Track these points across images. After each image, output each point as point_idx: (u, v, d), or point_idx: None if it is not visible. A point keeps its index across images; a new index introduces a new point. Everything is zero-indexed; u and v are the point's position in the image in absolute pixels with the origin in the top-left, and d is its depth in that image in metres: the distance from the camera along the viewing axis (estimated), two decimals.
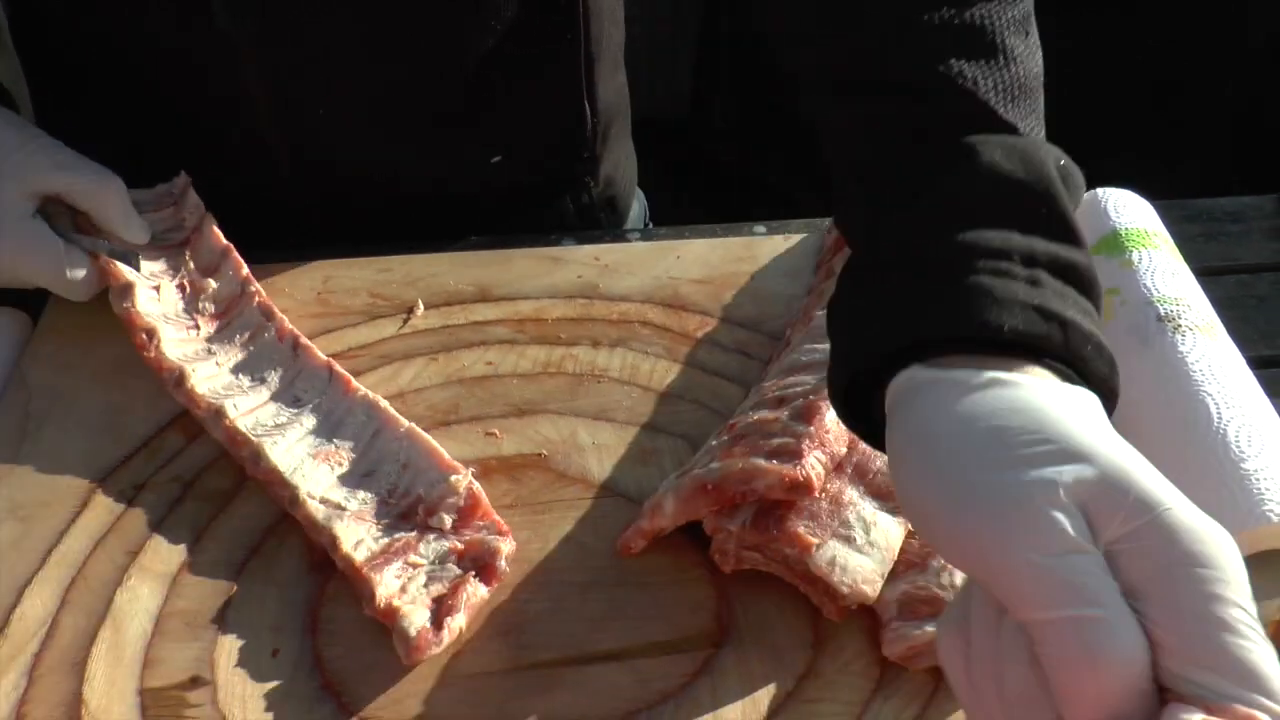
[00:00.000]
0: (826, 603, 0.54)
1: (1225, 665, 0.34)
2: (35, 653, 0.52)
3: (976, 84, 0.47)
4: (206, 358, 0.65)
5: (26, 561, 0.56)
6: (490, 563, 0.55)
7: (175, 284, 0.69)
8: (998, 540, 0.36)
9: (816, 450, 0.55)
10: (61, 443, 0.62)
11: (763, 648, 0.54)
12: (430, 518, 0.57)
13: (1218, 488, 0.56)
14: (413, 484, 0.59)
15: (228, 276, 0.69)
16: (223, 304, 0.68)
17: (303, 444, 0.61)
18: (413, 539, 0.56)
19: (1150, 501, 0.36)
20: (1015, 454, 0.37)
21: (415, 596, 0.53)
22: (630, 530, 0.58)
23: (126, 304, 0.66)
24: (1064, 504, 0.36)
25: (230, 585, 0.56)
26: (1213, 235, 0.88)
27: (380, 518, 0.57)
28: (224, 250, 0.71)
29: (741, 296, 0.75)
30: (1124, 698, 0.34)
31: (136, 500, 0.60)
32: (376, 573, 0.54)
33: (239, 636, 0.54)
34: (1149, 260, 0.69)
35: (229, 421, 0.61)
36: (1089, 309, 0.43)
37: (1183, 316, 0.65)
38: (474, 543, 0.56)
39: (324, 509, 0.57)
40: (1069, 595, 0.35)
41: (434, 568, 0.55)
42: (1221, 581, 0.35)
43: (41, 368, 0.67)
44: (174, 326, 0.66)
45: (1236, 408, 0.59)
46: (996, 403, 0.39)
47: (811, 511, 0.55)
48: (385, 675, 0.52)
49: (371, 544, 0.55)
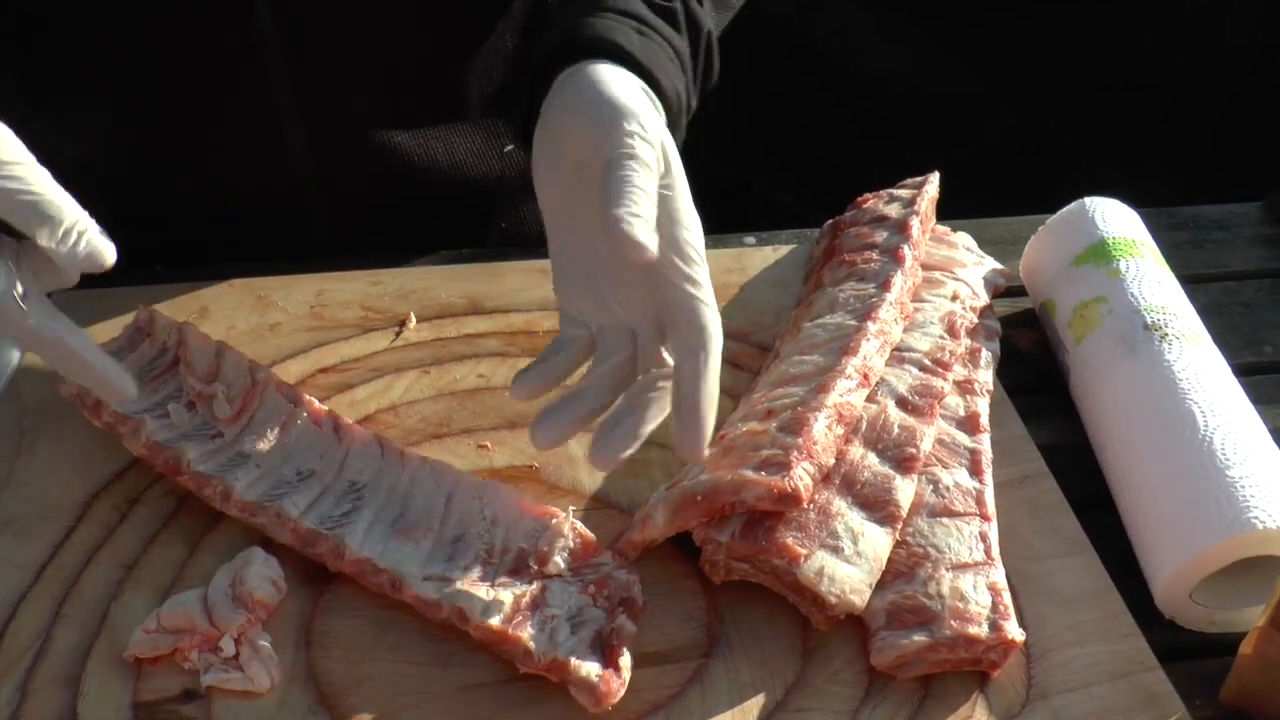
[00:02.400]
0: (815, 613, 0.55)
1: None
2: (29, 667, 0.52)
3: None
4: (243, 463, 0.60)
5: (21, 576, 0.56)
6: (630, 595, 0.54)
7: (183, 404, 0.63)
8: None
9: (805, 462, 0.55)
10: (56, 457, 0.63)
11: (752, 657, 0.54)
12: (544, 566, 0.55)
13: (1204, 495, 0.56)
14: (509, 538, 0.57)
15: (231, 371, 0.64)
16: (237, 401, 0.63)
17: (379, 525, 0.57)
18: (536, 591, 0.54)
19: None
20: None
21: (573, 646, 0.52)
22: (621, 541, 0.58)
23: (141, 441, 0.60)
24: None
25: None
26: (1198, 242, 0.88)
27: (492, 578, 0.55)
28: (217, 349, 0.65)
29: (731, 308, 0.75)
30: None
31: (131, 514, 0.60)
32: (521, 631, 0.52)
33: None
34: (1136, 269, 0.70)
35: (293, 525, 0.57)
36: (673, 58, 0.62)
37: (1169, 325, 0.66)
38: (602, 580, 0.55)
39: (433, 586, 0.54)
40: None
41: (573, 614, 0.54)
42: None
43: (35, 382, 0.67)
44: (197, 442, 0.61)
45: (1222, 416, 0.60)
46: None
47: (800, 522, 0.55)
48: (379, 688, 0.52)
49: (499, 606, 0.53)
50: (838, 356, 0.62)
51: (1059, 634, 0.56)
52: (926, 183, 0.78)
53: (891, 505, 0.57)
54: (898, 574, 0.56)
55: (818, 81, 1.23)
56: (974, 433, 0.63)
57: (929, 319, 0.68)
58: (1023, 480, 0.64)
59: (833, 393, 0.59)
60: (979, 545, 0.57)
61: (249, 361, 0.64)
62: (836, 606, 0.53)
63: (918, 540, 0.57)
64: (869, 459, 0.59)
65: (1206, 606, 0.57)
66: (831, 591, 0.53)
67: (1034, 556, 0.60)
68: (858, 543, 0.55)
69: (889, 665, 0.53)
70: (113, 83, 0.74)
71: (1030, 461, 0.65)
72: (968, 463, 0.61)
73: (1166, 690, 0.54)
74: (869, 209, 0.77)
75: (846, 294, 0.68)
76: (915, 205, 0.75)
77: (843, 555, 0.54)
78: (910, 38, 1.16)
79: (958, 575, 0.55)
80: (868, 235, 0.74)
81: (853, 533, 0.55)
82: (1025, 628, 0.54)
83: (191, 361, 0.64)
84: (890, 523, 0.56)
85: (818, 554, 0.54)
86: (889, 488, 0.57)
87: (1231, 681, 0.54)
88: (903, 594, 0.55)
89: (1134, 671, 0.54)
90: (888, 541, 0.56)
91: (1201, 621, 0.58)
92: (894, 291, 0.67)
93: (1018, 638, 0.52)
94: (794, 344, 0.66)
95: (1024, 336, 0.77)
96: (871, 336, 0.63)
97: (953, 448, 0.62)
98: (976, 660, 0.53)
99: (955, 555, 0.56)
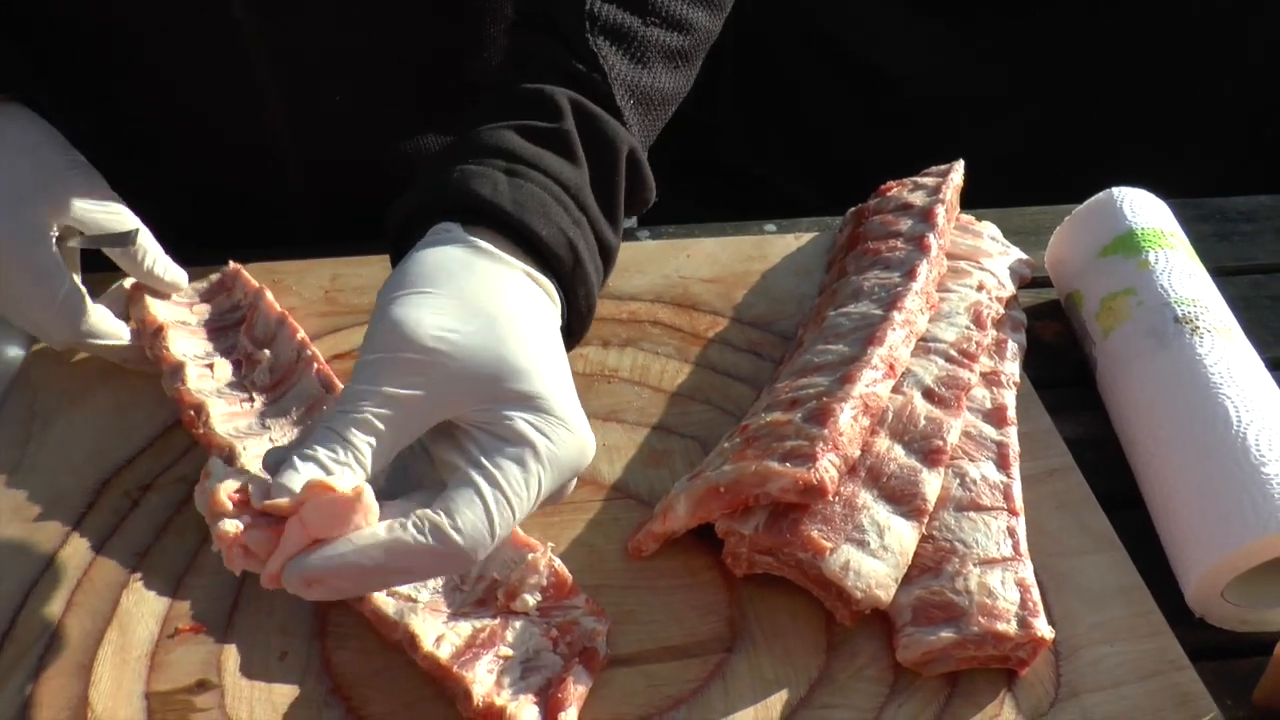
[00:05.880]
0: (840, 607, 0.54)
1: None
2: (41, 655, 0.52)
3: (613, 67, 0.57)
4: (259, 433, 0.60)
5: (32, 563, 0.56)
6: (590, 647, 0.51)
7: (231, 360, 0.65)
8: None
9: (830, 453, 0.54)
10: (67, 443, 0.62)
11: (775, 652, 0.53)
12: (512, 601, 0.53)
13: (1237, 492, 0.55)
14: (485, 565, 0.54)
15: (284, 343, 0.65)
16: (279, 372, 0.64)
17: None
18: (497, 627, 0.52)
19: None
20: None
21: (516, 691, 0.49)
22: (641, 533, 0.57)
23: (177, 383, 0.62)
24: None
25: (237, 587, 0.55)
26: (1225, 234, 0.87)
27: (456, 606, 0.53)
28: (279, 318, 0.66)
29: (753, 296, 0.74)
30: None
31: (142, 501, 0.59)
32: (467, 669, 0.49)
33: (247, 639, 0.53)
34: (1165, 261, 0.69)
35: None
36: (561, 198, 0.52)
37: (1200, 318, 0.64)
38: (566, 625, 0.52)
39: (394, 602, 0.52)
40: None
41: (528, 657, 0.51)
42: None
43: (47, 367, 0.66)
44: (225, 401, 0.62)
45: (1256, 411, 0.58)
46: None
47: (825, 515, 0.54)
48: (394, 679, 0.52)
49: (454, 638, 0.51)
50: (863, 346, 0.61)
51: (1088, 632, 0.55)
52: (951, 170, 0.77)
53: (918, 499, 0.55)
54: (924, 569, 0.54)
55: (840, 77, 1.22)
56: (1001, 425, 0.62)
57: (955, 309, 0.67)
58: (1050, 475, 0.63)
59: (858, 383, 0.58)
60: (1007, 540, 0.55)
61: (302, 338, 0.65)
62: (862, 601, 0.52)
63: (944, 535, 0.56)
64: (895, 451, 0.58)
65: (1238, 605, 0.56)
66: (857, 586, 0.52)
67: (1062, 553, 0.58)
68: (884, 536, 0.54)
69: (915, 662, 0.52)
70: (89, 72, 0.73)
71: (1057, 456, 0.64)
72: (995, 456, 0.60)
73: (1198, 690, 0.52)
74: (893, 196, 0.76)
75: (871, 282, 0.67)
76: (940, 193, 0.74)
77: (868, 549, 0.53)
78: (933, 32, 1.15)
79: (985, 571, 0.54)
80: (892, 223, 0.72)
81: (879, 526, 0.54)
82: (1053, 625, 0.53)
83: (255, 324, 0.66)
84: (917, 516, 0.55)
85: (843, 547, 0.53)
86: (915, 481, 0.56)
87: (1265, 681, 0.53)
88: (929, 589, 0.53)
89: (1165, 671, 0.53)
90: (914, 535, 0.55)
91: (1233, 620, 0.57)
92: (919, 280, 0.66)
93: (1047, 635, 0.51)
94: (818, 333, 0.65)
95: (1049, 328, 0.76)
96: (897, 326, 0.62)
97: (979, 440, 0.61)
98: (1004, 658, 0.52)
99: (983, 550, 0.55)
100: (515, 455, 0.44)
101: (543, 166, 0.52)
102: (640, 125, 0.58)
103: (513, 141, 0.52)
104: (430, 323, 0.44)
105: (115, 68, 0.73)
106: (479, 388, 0.44)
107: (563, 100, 0.54)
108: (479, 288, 0.46)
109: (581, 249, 0.51)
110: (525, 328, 0.46)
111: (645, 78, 0.58)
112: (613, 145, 0.55)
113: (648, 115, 0.59)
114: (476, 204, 0.49)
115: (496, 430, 0.44)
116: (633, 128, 0.57)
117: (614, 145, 0.55)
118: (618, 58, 0.58)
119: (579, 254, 0.51)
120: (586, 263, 0.52)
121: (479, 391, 0.44)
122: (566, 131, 0.53)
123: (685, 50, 0.62)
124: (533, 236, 0.50)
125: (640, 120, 0.58)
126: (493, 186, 0.50)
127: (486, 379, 0.44)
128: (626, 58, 0.58)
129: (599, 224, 0.53)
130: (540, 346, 0.46)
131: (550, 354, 0.47)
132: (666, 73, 0.60)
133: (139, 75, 0.73)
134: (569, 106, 0.54)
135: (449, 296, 0.46)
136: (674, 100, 0.62)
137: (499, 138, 0.53)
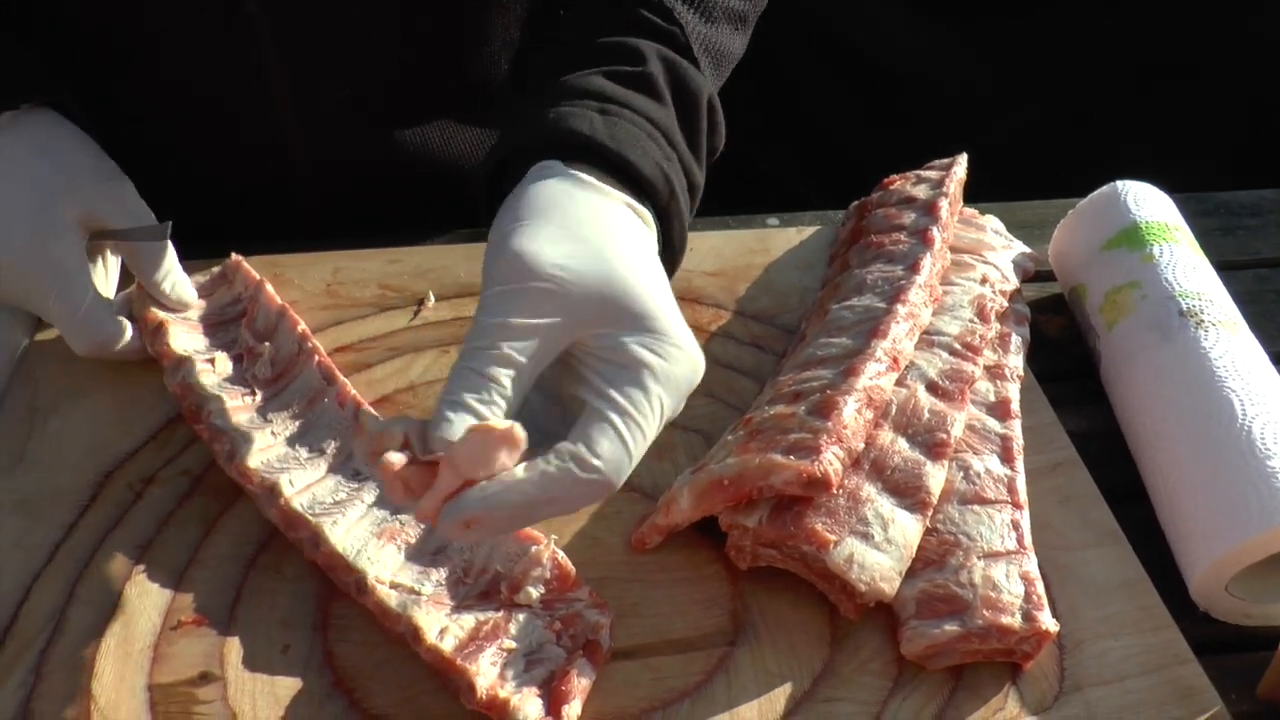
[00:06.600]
0: (843, 600, 0.53)
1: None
2: (43, 648, 0.51)
3: (688, 23, 0.60)
4: (261, 427, 0.60)
5: (34, 555, 0.56)
6: (594, 640, 0.51)
7: (232, 355, 0.64)
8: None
9: (834, 446, 0.54)
10: (69, 436, 0.62)
11: (779, 646, 0.53)
12: (515, 594, 0.52)
13: (1242, 486, 0.55)
14: (489, 559, 0.54)
15: (284, 336, 0.65)
16: (280, 365, 0.63)
17: (366, 521, 0.55)
18: (501, 620, 0.51)
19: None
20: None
21: (520, 683, 0.49)
22: (645, 526, 0.57)
23: (179, 379, 0.62)
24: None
25: (240, 580, 0.55)
26: (1230, 229, 0.87)
27: (459, 599, 0.53)
28: (280, 310, 0.66)
29: (755, 289, 0.74)
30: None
31: (145, 494, 0.59)
32: (471, 662, 0.49)
33: (249, 632, 0.53)
34: (1170, 254, 0.68)
35: (283, 501, 0.55)
36: (653, 134, 0.54)
37: (1205, 311, 0.64)
38: (570, 618, 0.52)
39: (396, 595, 0.52)
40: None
41: (532, 649, 0.51)
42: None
43: (48, 360, 0.66)
44: (227, 396, 0.61)
45: (1261, 405, 0.58)
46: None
47: (829, 508, 0.54)
48: (397, 672, 0.52)
49: (458, 630, 0.51)
50: (866, 339, 0.61)
51: (1092, 625, 0.55)
52: (955, 164, 0.77)
53: (922, 492, 0.55)
54: (928, 562, 0.54)
55: (842, 76, 1.21)
56: (1005, 419, 0.62)
57: (958, 302, 0.67)
58: (1054, 468, 0.62)
59: (862, 376, 0.58)
60: (1011, 534, 0.55)
61: (303, 331, 0.64)
62: (866, 594, 0.52)
63: (948, 528, 0.55)
64: (899, 444, 0.58)
65: (1243, 599, 0.56)
66: (861, 579, 0.52)
67: (1066, 546, 0.58)
68: (888, 529, 0.54)
69: (919, 655, 0.52)
70: (98, 67, 0.72)
71: (1061, 449, 0.64)
72: (999, 449, 0.60)
73: (1202, 684, 0.52)
74: (896, 190, 0.76)
75: (874, 276, 0.67)
76: (944, 186, 0.73)
77: (872, 542, 0.53)
78: (934, 30, 1.15)
79: (990, 564, 0.54)
80: (895, 216, 0.72)
81: (883, 519, 0.54)
82: (1058, 619, 0.53)
83: (255, 317, 0.66)
84: (921, 509, 0.55)
85: (847, 540, 0.53)
86: (919, 474, 0.56)
87: (1269, 676, 0.53)
88: (933, 582, 0.53)
89: (1169, 664, 0.53)
90: (918, 528, 0.54)
91: (1237, 614, 0.57)
92: (923, 274, 0.66)
93: (1052, 629, 0.51)
94: (821, 326, 0.65)
95: (1052, 322, 0.76)
96: (901, 319, 0.62)
97: (983, 434, 0.61)
98: (1009, 651, 0.52)
99: (987, 543, 0.55)
100: (636, 379, 0.46)
101: (634, 106, 0.55)
102: (712, 79, 0.62)
103: (602, 84, 0.55)
104: (549, 251, 0.46)
105: (124, 63, 0.73)
106: (599, 310, 0.46)
107: (645, 48, 0.58)
108: (587, 217, 0.49)
109: (676, 181, 0.54)
110: (632, 255, 0.48)
111: (715, 35, 0.62)
112: (694, 89, 0.58)
113: (717, 70, 0.63)
114: (575, 140, 0.52)
115: (615, 357, 0.46)
116: (708, 79, 0.61)
117: (695, 89, 0.58)
118: (691, 14, 0.61)
119: (674, 186, 0.54)
120: (680, 195, 0.54)
121: (599, 315, 0.46)
122: (651, 74, 0.56)
123: (745, 14, 0.66)
124: (631, 169, 0.52)
125: (712, 73, 0.62)
126: (590, 124, 0.52)
127: (605, 302, 0.46)
128: (698, 15, 0.62)
129: (687, 160, 0.56)
130: (647, 271, 0.49)
131: (655, 277, 0.49)
132: (730, 33, 0.64)
133: (148, 70, 0.73)
134: (652, 53, 0.58)
135: (560, 226, 0.47)
136: (734, 60, 0.66)
137: (588, 82, 0.55)
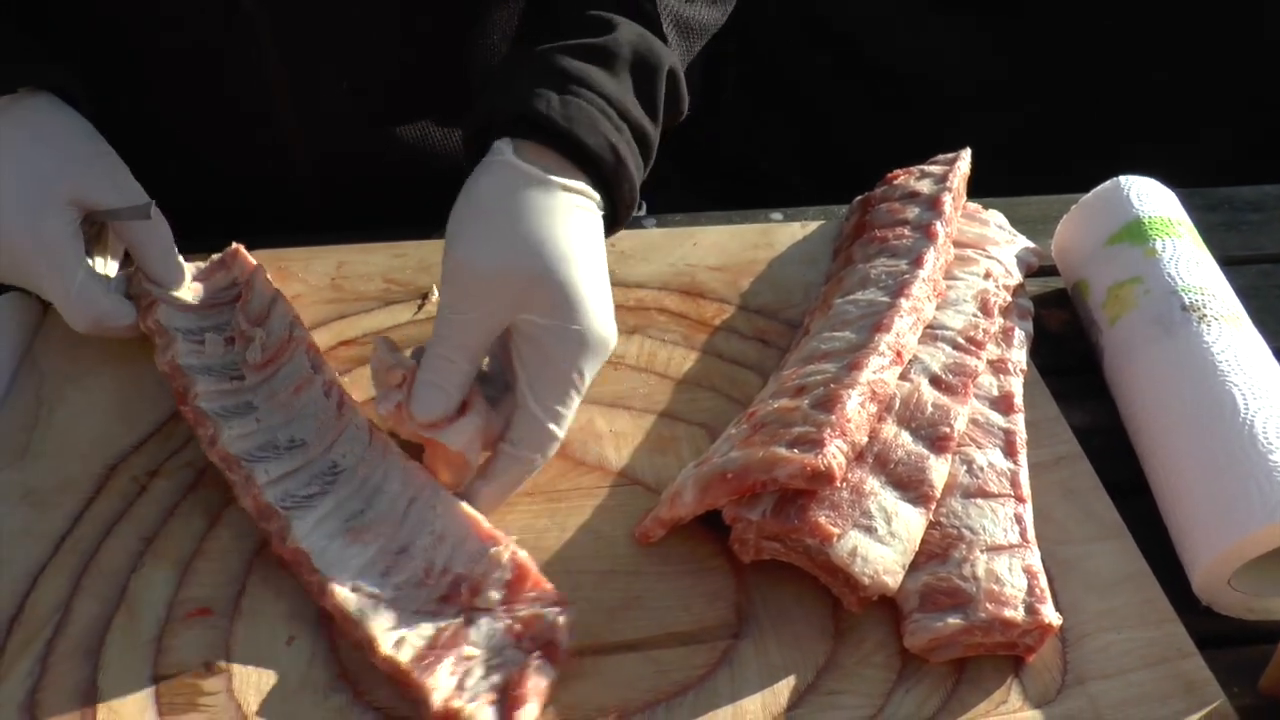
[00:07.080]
0: (847, 594, 0.54)
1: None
2: (49, 640, 0.52)
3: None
4: (246, 413, 0.60)
5: (40, 547, 0.56)
6: (552, 639, 0.50)
7: (224, 337, 0.64)
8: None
9: (838, 439, 0.54)
10: (74, 428, 0.62)
11: (783, 639, 0.53)
12: (475, 597, 0.51)
13: (1244, 480, 0.55)
14: (451, 559, 0.53)
15: (276, 321, 0.64)
16: (270, 349, 0.62)
17: (334, 517, 0.55)
18: (460, 625, 0.50)
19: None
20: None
21: (476, 692, 0.48)
22: (648, 519, 0.57)
23: (168, 358, 0.62)
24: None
25: (245, 572, 0.55)
26: (1233, 224, 0.87)
27: (419, 603, 0.51)
28: (273, 295, 0.65)
29: (759, 284, 0.74)
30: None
31: (150, 486, 0.59)
32: (428, 674, 0.48)
33: (254, 624, 0.53)
34: (1172, 249, 0.69)
35: (256, 491, 0.55)
36: (605, 110, 0.60)
37: (1208, 306, 0.64)
38: (530, 619, 0.51)
39: (356, 599, 0.51)
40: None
41: (491, 656, 0.50)
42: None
43: (54, 352, 0.66)
44: (215, 378, 0.61)
45: (1263, 399, 0.58)
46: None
47: (832, 501, 0.54)
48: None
49: (416, 640, 0.50)
50: (870, 333, 0.61)
51: (1095, 619, 0.55)
52: (958, 159, 0.77)
53: (925, 485, 0.55)
54: (931, 555, 0.54)
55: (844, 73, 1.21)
56: (1008, 413, 0.62)
57: (962, 297, 0.67)
58: (1057, 462, 0.63)
59: (865, 370, 0.58)
60: (1014, 527, 0.55)
61: (294, 317, 0.64)
62: (869, 587, 0.52)
63: (952, 521, 0.56)
64: (902, 438, 0.58)
65: (1245, 593, 0.56)
66: (865, 572, 0.52)
67: (1068, 540, 0.58)
68: (891, 523, 0.54)
69: (922, 648, 0.52)
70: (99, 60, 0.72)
71: (1064, 444, 0.64)
72: (1002, 443, 0.60)
73: (1205, 677, 0.53)
74: (900, 185, 0.76)
75: (878, 270, 0.67)
76: (947, 181, 0.73)
77: (876, 535, 0.53)
78: (937, 26, 1.14)
79: (993, 557, 0.54)
80: (899, 211, 0.72)
81: (886, 512, 0.54)
82: (1060, 612, 0.53)
83: (249, 301, 0.66)
84: (924, 503, 0.55)
85: (851, 534, 0.53)
86: (923, 467, 0.56)
87: (1271, 669, 0.53)
88: (937, 575, 0.53)
89: (1172, 658, 0.53)
90: (921, 522, 0.54)
91: (1240, 608, 0.57)
92: (927, 268, 0.66)
93: (1054, 622, 0.51)
94: (824, 320, 0.65)
95: (1055, 317, 0.76)
96: (904, 313, 0.62)
97: (986, 428, 0.61)
98: (1012, 644, 0.52)
99: (990, 537, 0.55)
100: (550, 358, 0.55)
101: (590, 82, 0.60)
102: (680, 50, 0.67)
103: (565, 64, 0.60)
104: (485, 253, 0.54)
105: (124, 62, 0.73)
106: (525, 299, 0.54)
107: (614, 20, 0.63)
108: (523, 211, 0.55)
109: (623, 149, 0.60)
110: (561, 245, 0.55)
111: (688, 10, 0.68)
112: (654, 62, 0.63)
113: (686, 40, 0.68)
114: (534, 119, 0.58)
115: (533, 337, 0.55)
116: (674, 50, 0.66)
117: (656, 62, 0.63)
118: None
119: (619, 154, 0.59)
120: (628, 160, 0.60)
121: (525, 302, 0.54)
122: (611, 47, 0.62)
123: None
124: (580, 146, 0.58)
125: (680, 45, 0.67)
126: (547, 104, 0.58)
127: (529, 292, 0.54)
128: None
129: (640, 126, 0.61)
130: (575, 259, 0.55)
131: (583, 263, 0.56)
132: (707, 6, 0.70)
133: (148, 63, 0.73)
134: (619, 25, 0.63)
135: (498, 225, 0.55)
136: (710, 30, 0.71)
137: (551, 59, 0.61)
